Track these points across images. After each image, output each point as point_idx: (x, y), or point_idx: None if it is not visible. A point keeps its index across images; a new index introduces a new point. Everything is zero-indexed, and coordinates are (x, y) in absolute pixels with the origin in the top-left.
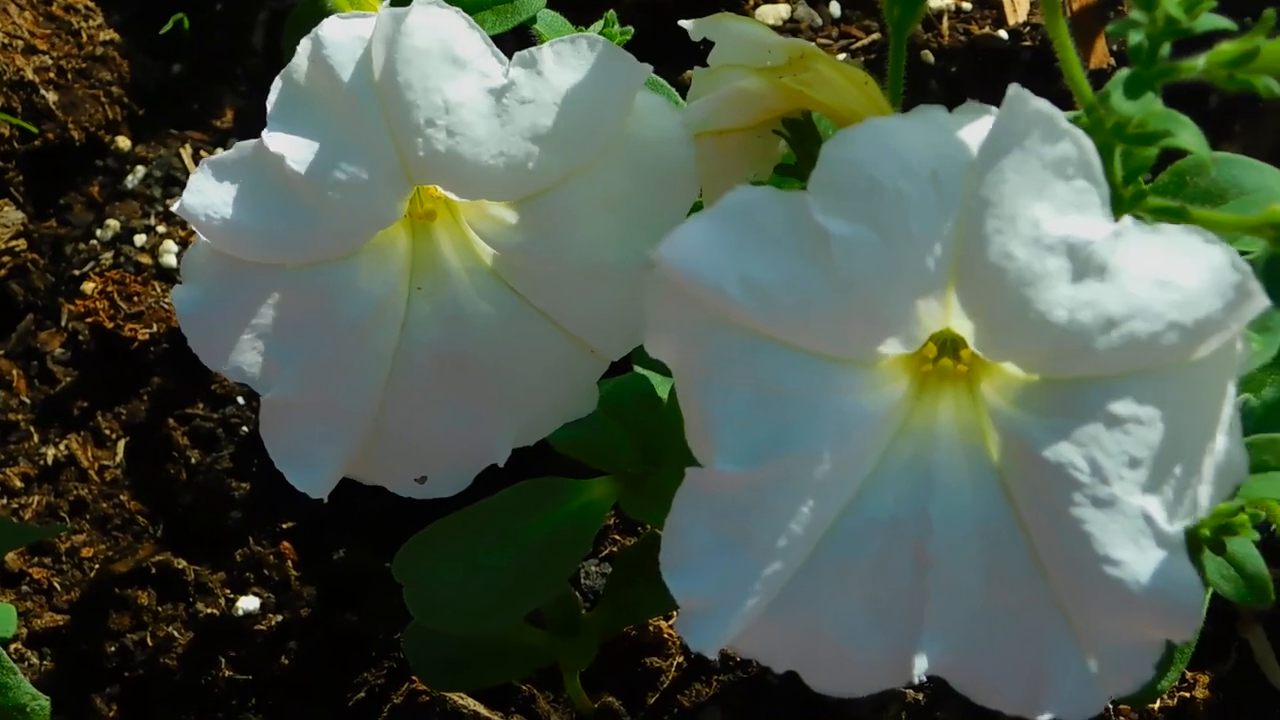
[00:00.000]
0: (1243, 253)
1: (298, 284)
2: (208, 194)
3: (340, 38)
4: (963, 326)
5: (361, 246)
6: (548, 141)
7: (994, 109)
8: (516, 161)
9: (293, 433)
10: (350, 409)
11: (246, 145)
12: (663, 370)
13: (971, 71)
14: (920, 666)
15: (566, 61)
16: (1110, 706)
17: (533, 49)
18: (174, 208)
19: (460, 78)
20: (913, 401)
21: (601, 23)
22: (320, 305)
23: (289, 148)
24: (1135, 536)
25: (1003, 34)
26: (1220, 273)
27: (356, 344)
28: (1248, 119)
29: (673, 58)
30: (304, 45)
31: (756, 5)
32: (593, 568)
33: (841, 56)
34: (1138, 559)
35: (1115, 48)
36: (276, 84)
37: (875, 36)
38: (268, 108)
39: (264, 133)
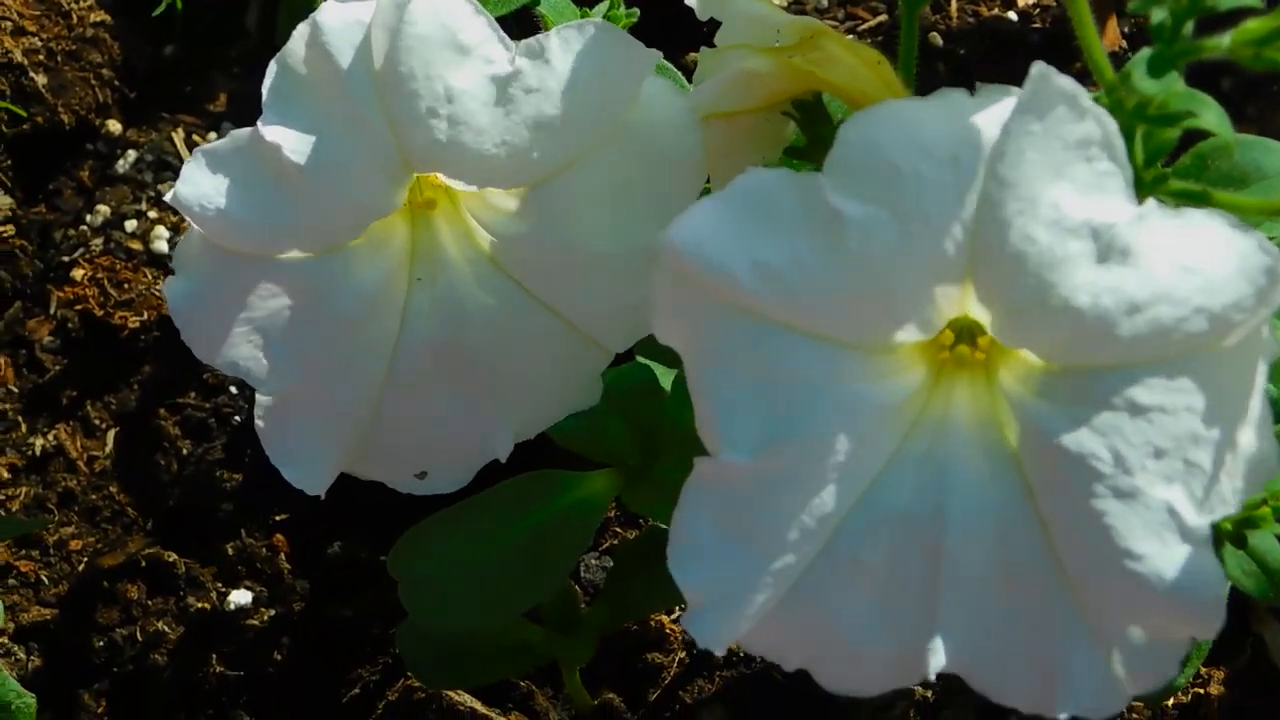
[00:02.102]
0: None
1: (293, 276)
2: (201, 184)
3: (339, 23)
4: (981, 312)
5: (359, 237)
6: (553, 130)
7: (1016, 92)
8: (520, 150)
9: (289, 428)
10: (347, 404)
11: (241, 134)
12: (665, 360)
13: (980, 54)
14: (935, 664)
15: (573, 49)
16: None
17: (539, 36)
18: (167, 198)
19: (464, 65)
20: (929, 390)
21: (606, 4)
22: (316, 297)
23: (286, 138)
24: (1159, 530)
25: (1012, 16)
26: (1248, 257)
27: (353, 337)
28: (1262, 102)
29: (678, 37)
30: (301, 30)
31: None
32: (593, 561)
33: (849, 39)
34: (1161, 553)
35: (1127, 30)
36: (271, 69)
37: (882, 18)
38: (263, 94)
39: (259, 122)
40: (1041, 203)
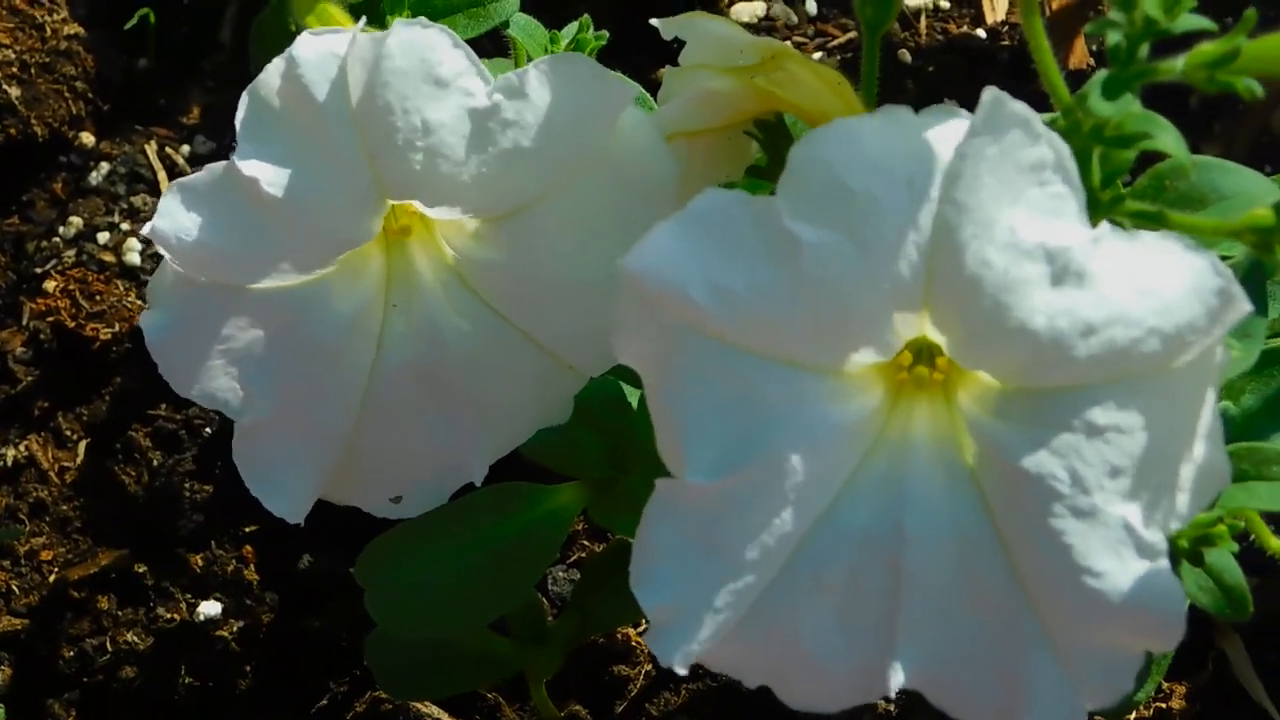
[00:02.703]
0: (1223, 257)
1: (269, 306)
2: (178, 218)
3: (315, 57)
4: (938, 334)
5: (334, 266)
6: (529, 162)
7: (964, 111)
8: (496, 181)
9: (267, 457)
10: (324, 431)
11: (217, 167)
12: (633, 377)
13: (949, 71)
14: (895, 680)
15: (551, 84)
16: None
17: (518, 71)
18: (144, 231)
19: (442, 98)
20: (888, 411)
21: (575, 26)
22: (292, 326)
23: (263, 171)
24: (1116, 547)
25: (981, 33)
26: (1201, 278)
27: (330, 365)
28: (1228, 120)
29: (647, 55)
30: (276, 64)
31: (732, 3)
32: (561, 574)
33: (818, 55)
34: (1119, 569)
35: (1095, 48)
36: (244, 101)
37: (852, 35)
38: (236, 126)
39: (235, 155)
40: (997, 226)
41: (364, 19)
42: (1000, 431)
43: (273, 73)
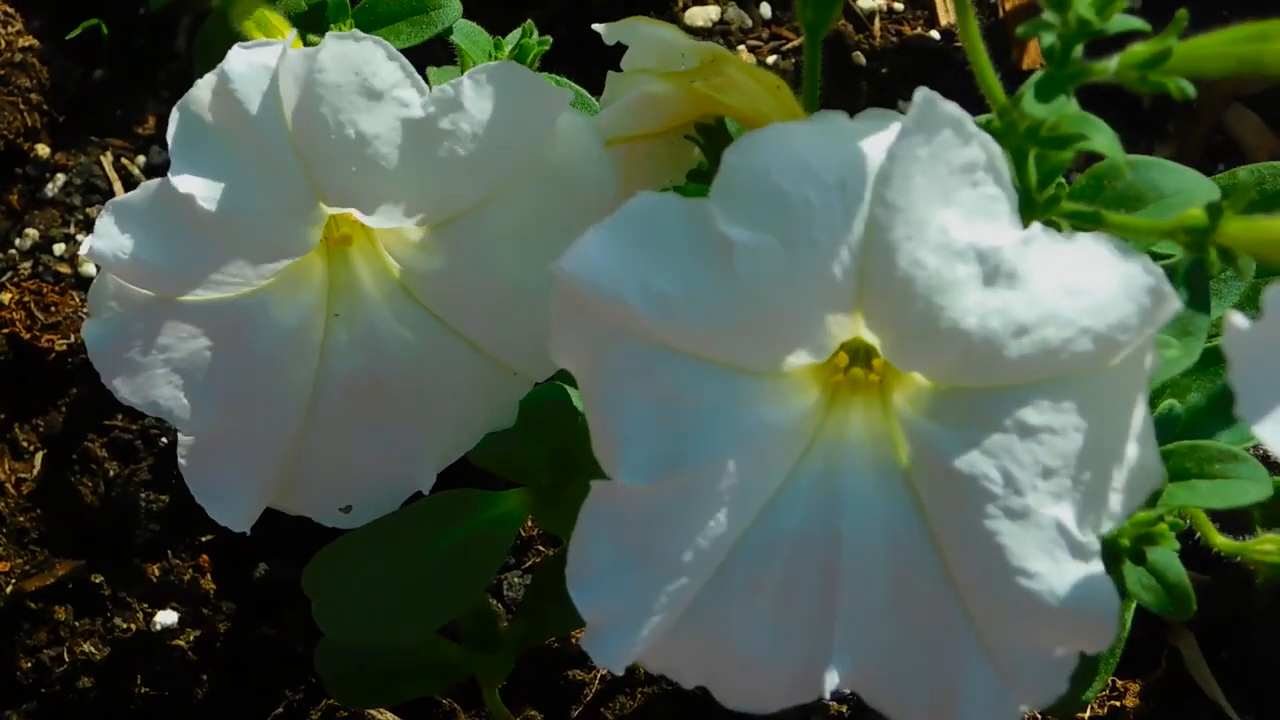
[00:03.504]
0: (1164, 256)
1: (211, 316)
2: (116, 237)
3: (246, 69)
4: (873, 335)
5: (275, 277)
6: (465, 170)
7: (899, 115)
8: (433, 189)
9: (212, 467)
10: (269, 441)
11: (151, 185)
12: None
13: (903, 73)
14: (830, 682)
15: (486, 92)
16: (1038, 716)
17: (452, 82)
18: (82, 252)
19: (376, 109)
20: (824, 412)
21: (519, 33)
22: (234, 337)
23: (197, 186)
24: (1049, 548)
25: (935, 34)
26: (1133, 278)
27: (273, 375)
28: (1181, 119)
29: (598, 59)
30: (208, 79)
31: (686, 7)
32: (515, 579)
33: (772, 59)
34: (1052, 570)
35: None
36: (174, 116)
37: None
38: (169, 141)
39: (170, 172)
40: (929, 227)
41: (294, 31)
42: (933, 432)
43: (204, 87)
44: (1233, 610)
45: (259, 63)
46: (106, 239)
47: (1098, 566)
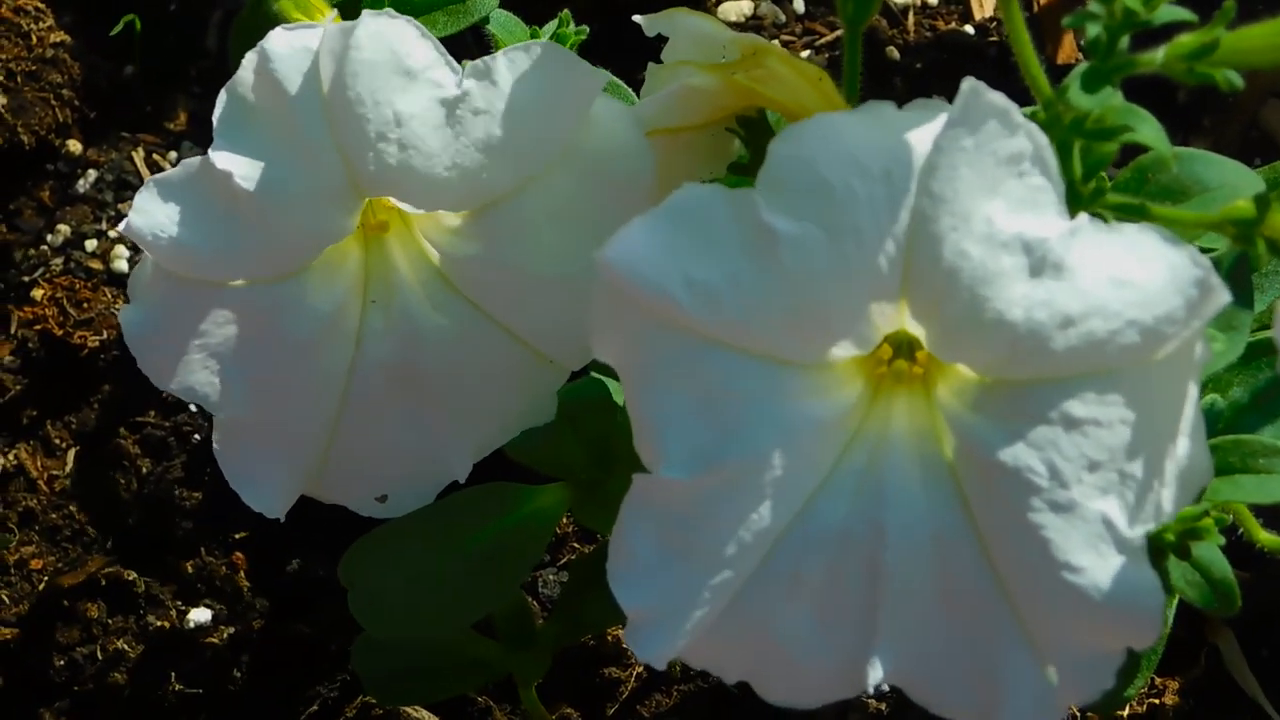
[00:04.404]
0: (1206, 249)
1: (247, 301)
2: (154, 214)
3: (286, 50)
4: (917, 327)
5: (311, 262)
6: (502, 152)
7: (947, 106)
8: (470, 173)
9: (247, 452)
10: (304, 428)
11: (193, 163)
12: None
13: (937, 68)
14: (874, 677)
15: (520, 71)
16: (1078, 713)
17: (486, 58)
18: (120, 228)
19: (411, 89)
20: (867, 405)
21: (556, 23)
22: (270, 323)
23: (236, 165)
24: (1095, 542)
25: (969, 29)
26: (1179, 270)
27: (308, 361)
28: (1216, 113)
29: (631, 53)
30: (249, 59)
31: (719, 2)
32: (550, 576)
33: (805, 54)
34: (1098, 565)
35: (1083, 42)
36: (221, 97)
37: (839, 33)
38: (214, 121)
39: (210, 150)
40: (974, 218)
41: (334, 12)
42: (978, 425)
43: (247, 68)
44: (1273, 607)
45: (300, 44)
46: (144, 215)
47: (1143, 561)
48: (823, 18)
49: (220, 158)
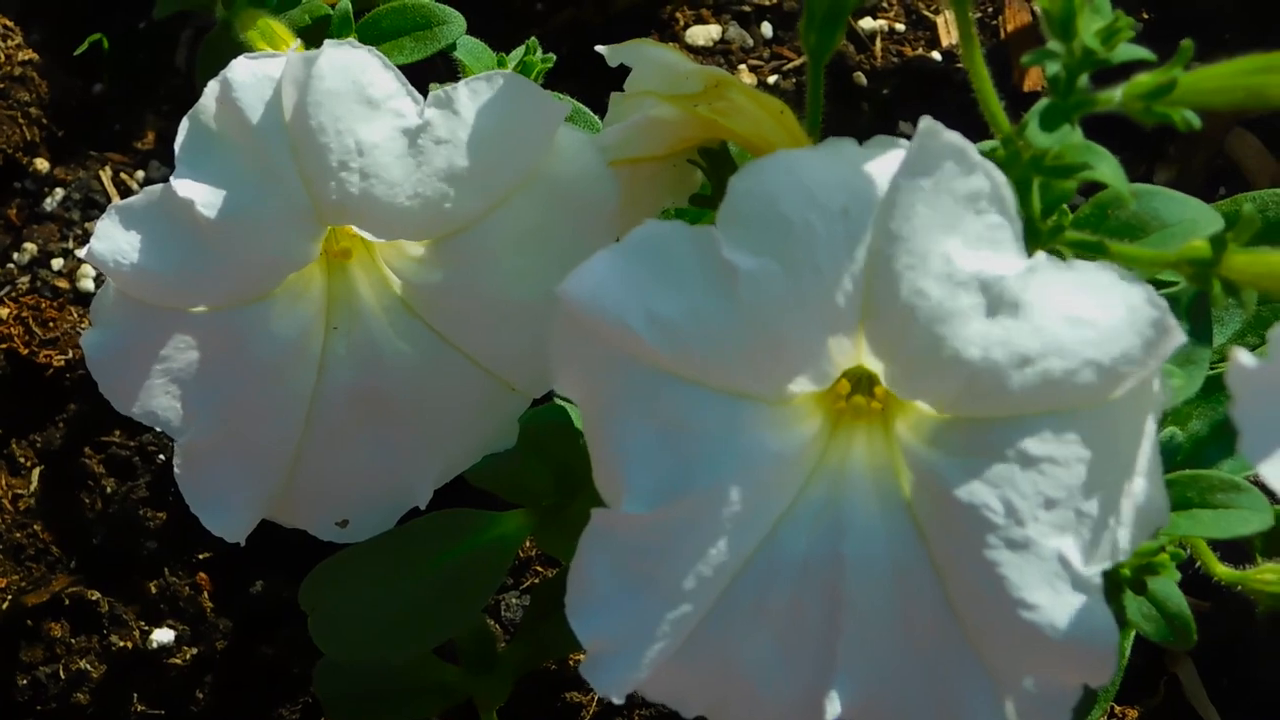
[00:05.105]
0: (1168, 283)
1: (210, 327)
2: (116, 240)
3: (249, 79)
4: (875, 363)
5: (274, 289)
6: (464, 182)
7: (905, 142)
8: (432, 202)
9: (208, 477)
10: (266, 453)
11: (155, 190)
12: None
13: (904, 94)
14: (833, 710)
15: (482, 101)
16: None
17: (448, 88)
18: (81, 254)
19: (374, 119)
20: (826, 439)
21: (523, 49)
22: (233, 348)
23: (198, 193)
24: (1050, 580)
25: (936, 55)
26: (1137, 310)
27: (270, 387)
28: (1182, 142)
29: (598, 79)
30: (212, 87)
31: (687, 26)
32: (514, 600)
33: (773, 79)
34: (1053, 602)
35: (1044, 79)
36: (184, 125)
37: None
38: (176, 148)
39: (172, 177)
40: (932, 256)
41: (297, 42)
42: (935, 460)
43: (209, 95)
44: (1232, 637)
45: (262, 72)
46: (106, 241)
47: (1099, 599)
48: (790, 42)
49: (182, 185)
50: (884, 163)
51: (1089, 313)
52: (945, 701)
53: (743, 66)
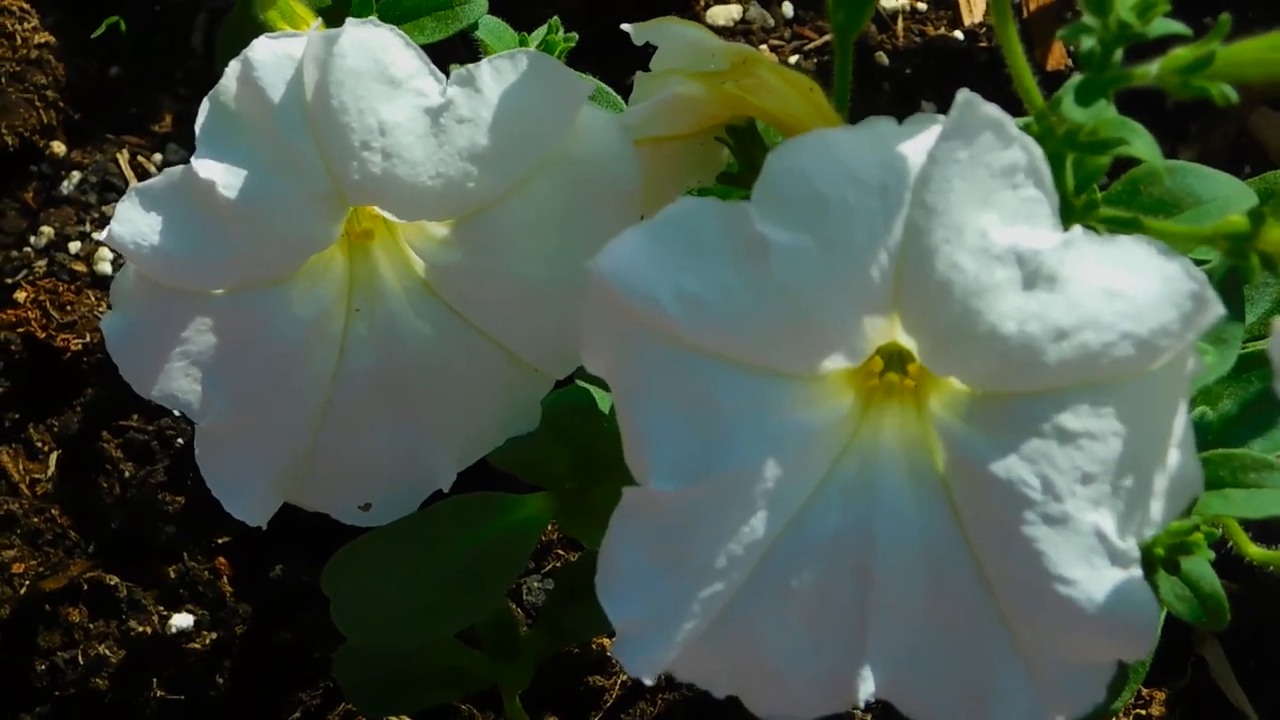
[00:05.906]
0: (1198, 261)
1: (230, 309)
2: (136, 222)
3: (270, 58)
4: (909, 340)
5: (296, 271)
6: (486, 161)
7: (943, 119)
8: (454, 182)
9: (228, 460)
10: (287, 435)
11: (175, 171)
12: (605, 384)
13: (926, 73)
14: (864, 690)
15: (505, 79)
16: None
17: (470, 66)
18: (101, 237)
19: (396, 98)
20: (858, 417)
21: (545, 29)
22: (253, 330)
23: (219, 174)
24: (1088, 555)
25: (958, 35)
26: (1174, 282)
27: (291, 369)
28: (1204, 120)
29: (621, 60)
30: (233, 67)
31: (708, 6)
32: (535, 584)
33: (794, 58)
34: (1091, 577)
35: (1073, 49)
36: (204, 106)
37: (829, 38)
38: (196, 129)
39: (193, 158)
40: (967, 230)
41: (318, 20)
42: (970, 437)
43: (230, 75)
44: (1261, 619)
45: (283, 52)
46: (126, 224)
47: (1137, 574)
48: (811, 22)
49: (203, 166)
50: (923, 140)
51: (1126, 286)
52: (976, 681)
53: (764, 47)
